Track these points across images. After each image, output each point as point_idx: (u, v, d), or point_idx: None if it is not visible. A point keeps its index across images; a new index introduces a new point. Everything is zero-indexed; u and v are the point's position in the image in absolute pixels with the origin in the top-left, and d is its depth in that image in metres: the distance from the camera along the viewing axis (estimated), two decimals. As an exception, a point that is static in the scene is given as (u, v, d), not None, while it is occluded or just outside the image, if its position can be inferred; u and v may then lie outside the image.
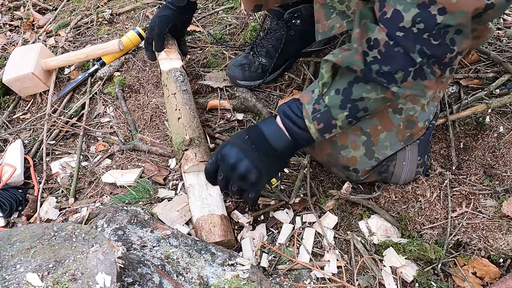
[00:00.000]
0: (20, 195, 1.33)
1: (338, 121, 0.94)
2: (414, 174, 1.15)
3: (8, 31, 2.09)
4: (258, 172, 0.99)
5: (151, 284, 0.83)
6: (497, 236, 1.06)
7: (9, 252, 0.76)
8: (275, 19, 1.48)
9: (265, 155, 1.00)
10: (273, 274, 1.08)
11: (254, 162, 0.99)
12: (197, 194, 1.14)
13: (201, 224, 1.08)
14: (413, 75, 0.83)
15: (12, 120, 1.67)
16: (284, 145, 1.00)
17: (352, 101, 0.91)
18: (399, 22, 0.79)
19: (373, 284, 1.04)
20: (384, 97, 0.89)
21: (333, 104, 0.92)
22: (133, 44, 1.72)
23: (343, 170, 1.14)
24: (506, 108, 1.31)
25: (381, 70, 0.84)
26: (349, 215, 1.19)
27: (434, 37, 0.78)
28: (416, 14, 0.76)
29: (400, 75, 0.84)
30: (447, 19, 0.75)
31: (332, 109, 0.92)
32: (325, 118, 0.94)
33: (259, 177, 1.00)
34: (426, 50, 0.79)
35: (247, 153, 0.99)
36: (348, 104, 0.91)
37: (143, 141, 1.44)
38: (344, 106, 0.91)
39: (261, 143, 1.00)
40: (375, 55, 0.84)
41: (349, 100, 0.91)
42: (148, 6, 2.00)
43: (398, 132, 1.07)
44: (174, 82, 1.37)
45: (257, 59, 1.49)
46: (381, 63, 0.84)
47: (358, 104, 0.91)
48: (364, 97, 0.90)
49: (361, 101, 0.90)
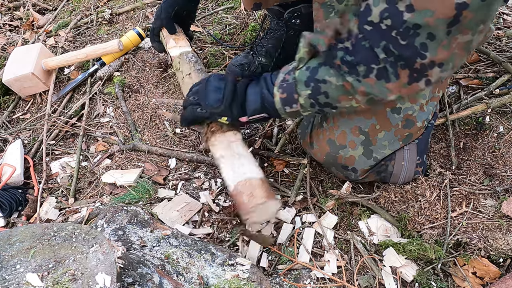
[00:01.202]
0: (20, 195, 1.33)
1: (300, 97, 0.95)
2: (413, 173, 1.15)
3: (8, 31, 2.09)
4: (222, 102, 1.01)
5: (151, 284, 0.84)
6: (497, 236, 1.06)
7: (9, 252, 0.76)
8: (275, 19, 1.48)
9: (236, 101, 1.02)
10: (273, 274, 1.08)
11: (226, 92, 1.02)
12: (230, 164, 1.06)
13: (240, 190, 1.00)
14: (377, 74, 0.82)
15: (12, 120, 1.67)
16: (254, 107, 1.02)
17: (316, 81, 0.91)
18: (367, 16, 0.78)
19: (373, 284, 1.04)
20: (343, 86, 0.89)
21: (300, 79, 0.93)
22: (133, 44, 1.72)
23: (342, 170, 1.14)
24: (506, 108, 1.31)
25: (344, 58, 0.85)
26: (349, 215, 1.19)
27: (401, 36, 0.76)
28: (384, 9, 0.75)
29: (362, 69, 0.83)
30: (414, 17, 0.73)
31: (298, 83, 0.94)
32: (289, 90, 0.96)
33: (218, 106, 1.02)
34: (392, 48, 0.78)
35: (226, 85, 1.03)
36: (312, 83, 0.92)
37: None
38: (308, 84, 0.92)
39: (242, 93, 1.03)
40: (347, 45, 0.84)
41: (314, 80, 0.92)
42: (148, 6, 2.00)
43: (396, 132, 1.07)
44: (187, 63, 1.30)
45: (257, 59, 1.49)
46: (347, 52, 0.84)
47: (321, 86, 0.91)
48: (326, 80, 0.90)
49: (323, 84, 0.91)
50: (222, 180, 1.31)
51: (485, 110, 1.29)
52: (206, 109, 1.03)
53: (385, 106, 1.04)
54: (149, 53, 1.73)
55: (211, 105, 1.02)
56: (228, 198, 1.26)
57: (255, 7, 1.35)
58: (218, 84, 1.03)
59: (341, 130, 1.08)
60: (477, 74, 1.42)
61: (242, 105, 1.03)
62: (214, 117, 1.04)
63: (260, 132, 1.40)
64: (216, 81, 1.04)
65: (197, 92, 1.06)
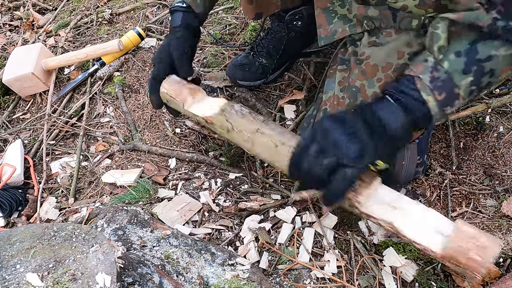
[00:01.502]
0: (20, 195, 1.33)
1: (460, 90, 0.79)
2: (414, 173, 1.15)
3: (8, 31, 2.09)
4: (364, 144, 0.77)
5: (151, 284, 0.84)
6: (497, 236, 1.06)
7: (9, 252, 0.76)
8: (276, 21, 1.48)
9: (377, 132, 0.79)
10: (273, 274, 1.08)
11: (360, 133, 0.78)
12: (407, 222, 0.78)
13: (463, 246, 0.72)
14: None
15: (12, 120, 1.67)
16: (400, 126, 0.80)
17: (478, 62, 0.77)
18: None
19: (373, 284, 1.04)
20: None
21: (455, 69, 0.78)
22: (133, 44, 1.72)
23: None
24: (506, 108, 1.31)
25: (507, 27, 0.74)
26: (349, 215, 1.19)
27: None
28: None
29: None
30: None
31: (454, 74, 0.78)
32: (447, 87, 0.79)
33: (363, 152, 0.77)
34: None
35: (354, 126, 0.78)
36: (474, 67, 0.77)
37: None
38: (469, 70, 0.78)
39: (376, 123, 0.79)
40: (495, 15, 0.74)
41: (474, 62, 0.77)
42: (148, 6, 2.00)
43: None
44: (242, 119, 0.97)
45: (257, 59, 1.49)
46: (505, 19, 0.73)
47: (485, 66, 0.77)
48: (492, 55, 0.77)
49: (488, 61, 0.77)
50: (221, 180, 1.31)
51: (485, 110, 1.29)
52: (350, 166, 0.76)
53: None
54: (149, 53, 1.73)
55: (351, 158, 0.76)
56: (228, 198, 1.26)
57: (257, 17, 1.34)
58: (343, 129, 0.78)
59: None
60: (477, 74, 1.42)
61: (385, 135, 0.79)
62: (364, 169, 0.79)
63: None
64: (338, 127, 0.79)
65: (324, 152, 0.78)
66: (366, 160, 0.77)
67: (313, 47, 1.56)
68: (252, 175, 1.32)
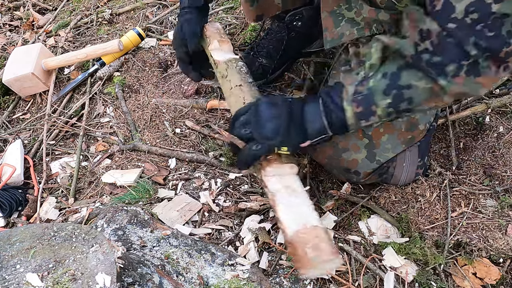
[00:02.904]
0: (20, 195, 1.33)
1: (378, 108, 0.86)
2: (414, 175, 1.15)
3: (8, 31, 2.09)
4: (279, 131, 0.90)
5: (151, 284, 0.84)
6: (497, 236, 1.06)
7: (9, 252, 0.76)
8: (276, 21, 1.48)
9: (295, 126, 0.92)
10: (273, 274, 1.08)
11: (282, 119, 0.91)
12: (286, 202, 0.90)
13: (303, 239, 0.82)
14: (466, 70, 0.78)
15: (12, 120, 1.67)
16: (316, 128, 0.92)
17: (399, 88, 0.84)
18: (450, 13, 0.75)
19: (373, 284, 1.04)
20: (431, 89, 0.82)
21: (377, 89, 0.85)
22: (133, 44, 1.72)
23: (344, 173, 1.14)
24: (506, 108, 1.31)
25: (431, 61, 0.79)
26: (349, 215, 1.19)
27: (489, 28, 0.73)
28: (469, 3, 0.73)
29: (452, 68, 0.78)
30: (503, 8, 0.71)
31: (375, 93, 0.86)
32: (365, 102, 0.87)
33: (276, 136, 0.91)
34: (480, 42, 0.74)
35: (280, 110, 0.92)
36: (394, 91, 0.84)
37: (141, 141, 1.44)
38: (389, 92, 0.85)
39: (298, 116, 0.92)
40: (426, 46, 0.79)
41: (396, 86, 0.84)
42: (148, 6, 2.00)
43: (399, 135, 1.07)
44: (237, 73, 1.17)
45: (257, 59, 1.49)
46: (432, 54, 0.79)
47: (404, 93, 0.84)
48: (412, 85, 0.83)
49: (407, 89, 0.83)
50: (221, 180, 1.31)
51: (485, 110, 1.29)
52: (262, 142, 0.91)
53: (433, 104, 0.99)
54: (149, 53, 1.73)
55: (267, 137, 0.91)
56: (228, 198, 1.26)
57: (257, 19, 1.35)
58: (271, 111, 0.92)
59: None
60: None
61: (302, 128, 0.93)
62: (272, 149, 0.92)
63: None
64: (268, 108, 0.93)
65: (248, 123, 0.94)
66: (275, 143, 0.91)
67: (313, 47, 1.56)
68: (252, 175, 1.32)
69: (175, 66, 1.67)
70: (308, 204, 0.91)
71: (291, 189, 0.93)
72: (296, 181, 0.95)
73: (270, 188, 0.93)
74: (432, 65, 0.80)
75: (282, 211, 0.89)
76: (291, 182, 0.94)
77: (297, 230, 0.84)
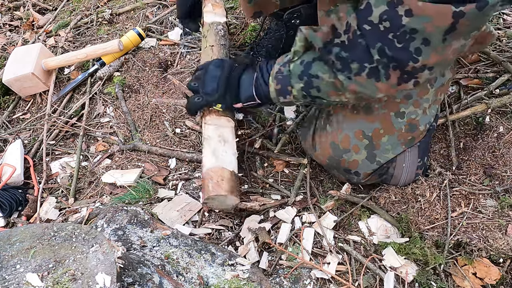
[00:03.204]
0: (20, 195, 1.33)
1: (293, 89, 0.99)
2: (414, 175, 1.15)
3: (8, 31, 2.09)
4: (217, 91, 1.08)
5: (151, 284, 0.84)
6: (497, 236, 1.05)
7: (9, 252, 0.76)
8: (275, 20, 1.48)
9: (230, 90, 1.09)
10: (273, 274, 1.08)
11: (221, 81, 1.08)
12: (213, 147, 1.12)
13: (211, 175, 1.07)
14: (368, 72, 0.84)
15: (12, 120, 1.67)
16: (247, 95, 1.08)
17: (309, 76, 0.95)
18: (368, 15, 0.79)
19: (373, 284, 1.04)
20: (334, 83, 0.91)
21: (294, 72, 0.97)
22: (133, 44, 1.72)
23: (344, 173, 1.14)
24: (506, 108, 1.31)
25: (339, 54, 0.86)
26: (348, 215, 1.19)
27: (398, 39, 0.77)
28: (384, 11, 0.77)
29: (355, 67, 0.85)
30: (412, 22, 0.74)
31: (292, 76, 0.98)
32: (283, 82, 0.99)
33: (214, 94, 1.09)
34: (387, 50, 0.79)
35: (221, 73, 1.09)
36: (305, 77, 0.96)
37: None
38: (302, 78, 0.96)
39: (235, 82, 1.08)
40: (343, 39, 0.86)
41: (307, 74, 0.95)
42: (148, 6, 2.00)
43: (399, 136, 1.07)
44: (214, 35, 1.37)
45: (257, 59, 1.49)
46: (343, 48, 0.86)
47: (313, 81, 0.95)
48: (319, 76, 0.93)
49: (315, 79, 0.94)
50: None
51: (485, 110, 1.29)
52: (203, 97, 1.10)
53: (389, 111, 1.04)
54: (149, 53, 1.73)
55: (207, 93, 1.09)
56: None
57: (255, 16, 1.37)
58: (215, 72, 1.09)
59: (344, 134, 1.08)
60: (477, 74, 1.42)
61: (236, 92, 1.09)
62: (210, 104, 1.12)
63: (260, 132, 1.39)
64: (214, 69, 1.10)
65: (198, 78, 1.12)
66: (212, 99, 1.10)
67: None
68: (252, 175, 1.32)
69: (175, 66, 1.67)
70: (232, 153, 1.13)
71: (222, 138, 1.14)
72: (230, 133, 1.16)
73: (204, 133, 1.16)
74: (339, 59, 0.87)
75: (206, 152, 1.12)
76: (225, 132, 1.15)
77: (209, 168, 1.08)
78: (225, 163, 1.09)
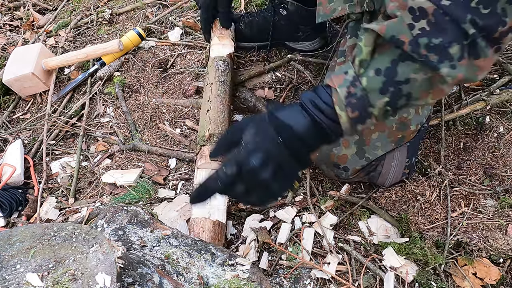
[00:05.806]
0: (20, 195, 1.33)
1: (375, 109, 0.77)
2: (401, 175, 1.15)
3: (8, 31, 2.09)
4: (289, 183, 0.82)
5: (151, 284, 0.83)
6: (497, 236, 1.06)
7: (9, 252, 0.76)
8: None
9: (297, 160, 0.80)
10: (273, 274, 1.08)
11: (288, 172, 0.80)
12: None
13: (193, 226, 1.09)
14: (468, 51, 0.69)
15: (12, 120, 1.67)
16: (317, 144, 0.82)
17: (396, 84, 0.74)
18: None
19: (373, 284, 1.04)
20: (430, 80, 0.74)
21: (372, 88, 0.75)
22: (133, 44, 1.72)
23: (333, 168, 1.14)
24: (506, 108, 1.31)
25: (431, 44, 0.69)
26: (348, 215, 1.19)
27: (483, 4, 0.66)
28: None
29: (455, 50, 0.69)
30: None
31: (370, 93, 0.75)
32: (360, 105, 0.76)
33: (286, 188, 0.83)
34: (477, 20, 0.67)
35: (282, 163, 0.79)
36: (391, 88, 0.75)
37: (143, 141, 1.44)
38: (386, 90, 0.75)
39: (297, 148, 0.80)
40: (423, 26, 0.69)
41: (393, 83, 0.74)
42: (148, 6, 2.00)
43: (390, 134, 1.06)
44: (214, 72, 1.34)
45: (239, 24, 1.54)
46: (431, 35, 0.69)
47: (402, 88, 0.75)
48: (410, 79, 0.74)
49: (405, 84, 0.74)
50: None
51: (484, 108, 1.29)
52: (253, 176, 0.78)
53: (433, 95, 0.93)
54: (149, 53, 1.73)
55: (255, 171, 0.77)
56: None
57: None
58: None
59: None
60: (477, 74, 1.42)
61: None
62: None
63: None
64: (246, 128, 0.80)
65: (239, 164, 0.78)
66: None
67: (306, 46, 1.56)
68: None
69: (176, 66, 1.67)
70: (221, 200, 1.12)
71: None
72: None
73: (195, 179, 1.17)
74: (432, 49, 0.70)
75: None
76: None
77: (193, 218, 1.10)
78: (212, 211, 1.07)
